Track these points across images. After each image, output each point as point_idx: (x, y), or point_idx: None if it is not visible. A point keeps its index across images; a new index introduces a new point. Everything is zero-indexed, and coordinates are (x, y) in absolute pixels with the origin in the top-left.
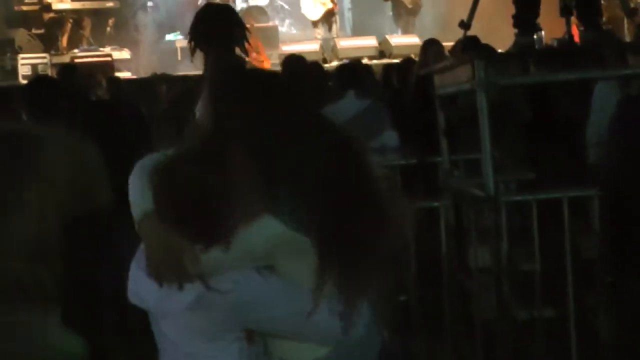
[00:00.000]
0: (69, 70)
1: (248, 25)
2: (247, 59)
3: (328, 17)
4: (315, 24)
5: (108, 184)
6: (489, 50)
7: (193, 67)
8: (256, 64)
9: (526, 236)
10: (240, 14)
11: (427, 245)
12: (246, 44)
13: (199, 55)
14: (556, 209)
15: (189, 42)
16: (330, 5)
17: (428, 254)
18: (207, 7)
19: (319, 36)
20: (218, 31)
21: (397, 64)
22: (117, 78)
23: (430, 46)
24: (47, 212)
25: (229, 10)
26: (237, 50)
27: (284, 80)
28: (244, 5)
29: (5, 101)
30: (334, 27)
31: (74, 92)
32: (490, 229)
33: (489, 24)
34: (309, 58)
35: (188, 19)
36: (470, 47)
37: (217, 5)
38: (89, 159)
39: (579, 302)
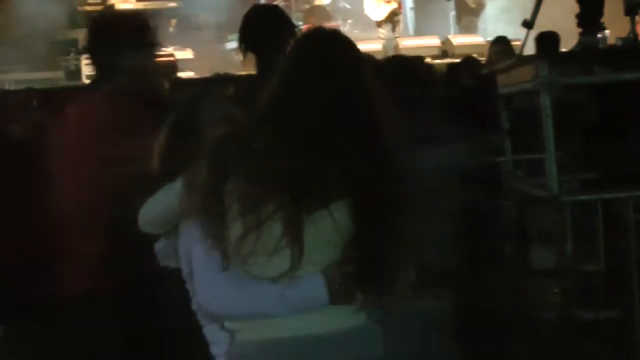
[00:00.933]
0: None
1: (309, 25)
2: None
3: (392, 17)
4: (379, 24)
5: None
6: (555, 48)
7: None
8: None
9: (589, 236)
10: (303, 15)
11: (490, 245)
12: None
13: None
14: (620, 209)
15: (240, 45)
16: (394, 5)
17: (491, 253)
18: (255, 9)
19: (382, 36)
20: (265, 33)
21: (460, 62)
22: (180, 79)
23: (496, 44)
24: None
25: (276, 12)
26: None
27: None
28: (306, 5)
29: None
30: (398, 27)
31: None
32: (554, 229)
33: (553, 24)
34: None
35: None
36: (542, 42)
37: (264, 6)
38: None
39: None
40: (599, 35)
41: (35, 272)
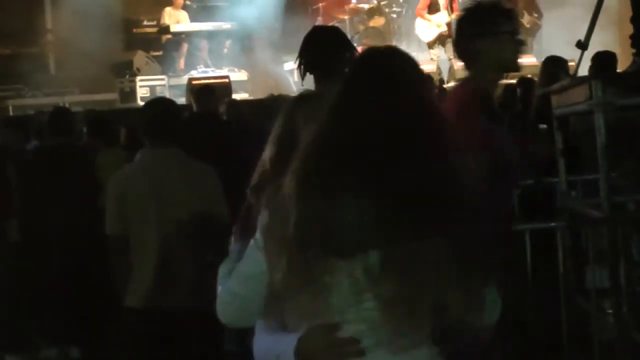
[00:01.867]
0: (206, 92)
1: (364, 47)
2: None
3: (442, 40)
4: (430, 45)
5: (224, 207)
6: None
7: (309, 87)
8: None
9: None
10: (358, 36)
11: (545, 266)
12: None
13: (310, 78)
14: None
15: (298, 66)
16: (444, 29)
17: (546, 275)
18: (315, 30)
19: (434, 57)
20: (326, 55)
21: (515, 84)
22: (235, 101)
23: (548, 64)
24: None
25: (337, 33)
26: None
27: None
28: (362, 27)
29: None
30: (449, 49)
31: (207, 113)
32: (608, 249)
33: (608, 45)
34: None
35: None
36: (598, 62)
37: (325, 28)
38: (208, 181)
39: None
40: None
41: None
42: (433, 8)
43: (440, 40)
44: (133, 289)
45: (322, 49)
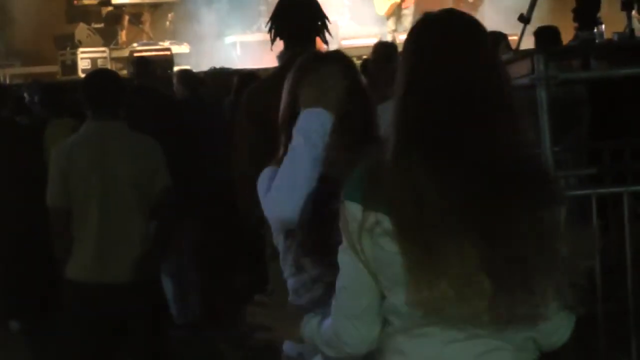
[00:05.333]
0: (143, 64)
1: None
2: None
3: (398, 12)
4: (387, 17)
5: (167, 178)
6: (554, 43)
7: (252, 62)
8: None
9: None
10: None
11: None
12: (327, 35)
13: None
14: (617, 204)
15: (269, 31)
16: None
17: None
18: None
19: (389, 30)
20: (300, 22)
21: None
22: (193, 73)
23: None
24: None
25: (312, 2)
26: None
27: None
28: None
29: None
30: (403, 23)
31: (145, 86)
32: None
33: (550, 18)
34: (368, 53)
35: (249, 14)
36: (542, 37)
37: None
38: (151, 154)
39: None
40: (595, 30)
41: None
42: None
43: (395, 11)
44: (74, 261)
45: (295, 15)
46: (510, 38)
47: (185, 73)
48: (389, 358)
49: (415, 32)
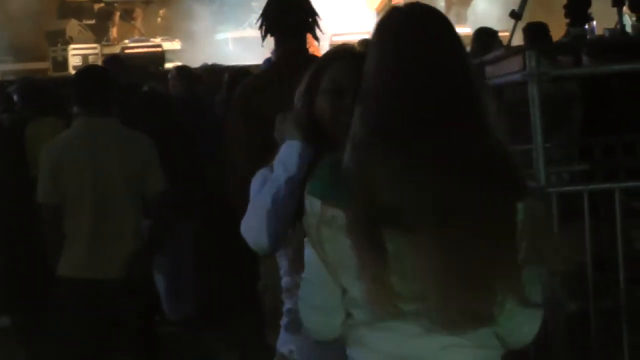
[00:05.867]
0: (115, 61)
1: None
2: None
3: (387, 7)
4: (378, 14)
5: (160, 175)
6: (544, 39)
7: (244, 59)
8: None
9: (578, 228)
10: None
11: None
12: (317, 31)
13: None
14: (609, 201)
15: (260, 27)
16: None
17: None
18: None
19: None
20: (291, 18)
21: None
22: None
23: (481, 36)
24: None
25: None
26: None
27: None
28: None
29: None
30: None
31: (123, 83)
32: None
33: (542, 15)
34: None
35: (240, 11)
36: (531, 33)
37: None
38: (144, 150)
39: (631, 295)
40: (586, 26)
41: None
42: None
43: (386, 5)
44: (66, 258)
45: (285, 11)
46: (501, 34)
47: (183, 69)
48: (352, 350)
49: (379, 27)
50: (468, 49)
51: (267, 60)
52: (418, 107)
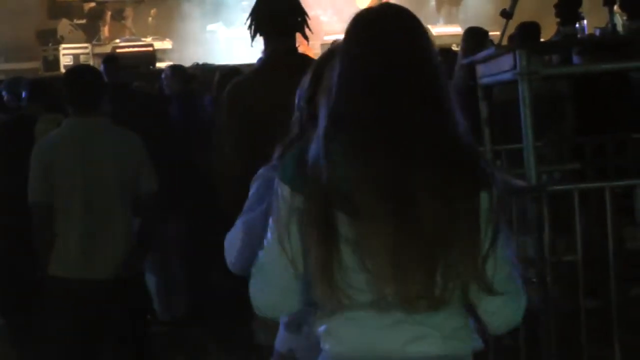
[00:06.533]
0: (111, 61)
1: None
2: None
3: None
4: None
5: (152, 174)
6: (534, 38)
7: (235, 57)
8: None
9: (570, 227)
10: None
11: None
12: (306, 30)
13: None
14: (600, 200)
15: (250, 27)
16: None
17: None
18: None
19: None
20: (280, 17)
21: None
22: (183, 68)
23: (472, 35)
24: None
25: None
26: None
27: None
28: None
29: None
30: None
31: (116, 83)
32: (533, 219)
33: (533, 14)
34: None
35: (231, 10)
36: (522, 33)
37: None
38: (135, 150)
39: (622, 294)
40: (577, 25)
41: None
42: None
43: (377, 3)
44: (56, 258)
45: (274, 11)
46: (492, 33)
47: (177, 68)
48: (324, 343)
49: (350, 26)
50: (458, 48)
51: (260, 60)
52: (385, 99)
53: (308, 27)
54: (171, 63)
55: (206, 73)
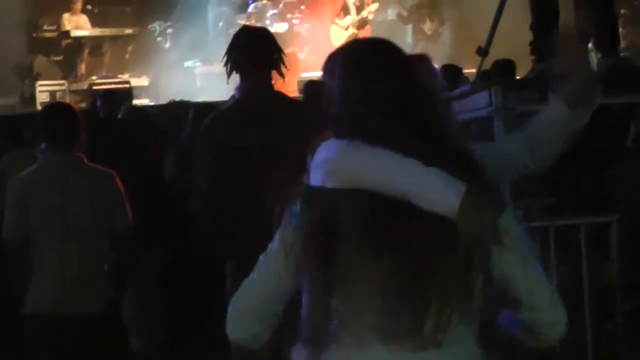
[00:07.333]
0: (109, 96)
1: None
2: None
3: None
4: None
5: (127, 211)
6: (510, 75)
7: (212, 94)
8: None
9: (545, 262)
10: None
11: None
12: (282, 67)
13: (234, 78)
14: (576, 235)
15: (226, 64)
16: (352, 31)
17: None
18: (246, 30)
19: None
20: (257, 54)
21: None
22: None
23: (447, 72)
24: None
25: (267, 33)
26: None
27: None
28: None
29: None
30: None
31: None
32: None
33: (508, 51)
34: None
35: (207, 46)
36: (497, 70)
37: (256, 28)
38: (110, 187)
39: (598, 329)
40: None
41: None
42: (345, 12)
43: None
44: (32, 294)
45: (250, 47)
46: (468, 70)
47: (108, 92)
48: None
49: (340, 55)
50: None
51: (232, 98)
52: (382, 123)
53: (284, 64)
54: (147, 100)
55: (180, 109)
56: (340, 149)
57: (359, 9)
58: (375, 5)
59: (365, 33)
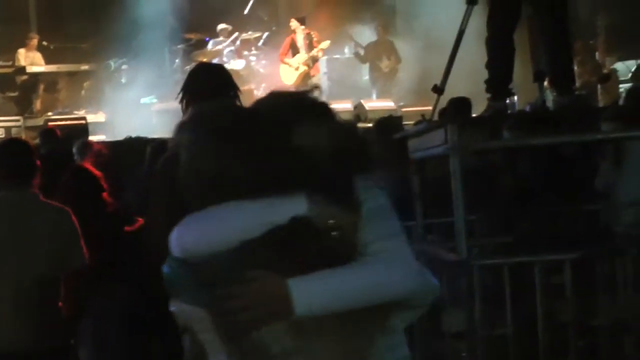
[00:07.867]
0: (49, 134)
1: None
2: None
3: (305, 82)
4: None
5: (82, 248)
6: (465, 113)
7: (169, 131)
8: None
9: (500, 300)
10: None
11: None
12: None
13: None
14: (532, 273)
15: (181, 100)
16: (304, 69)
17: None
18: (202, 66)
19: None
20: (213, 90)
21: (373, 126)
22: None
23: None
24: None
25: (223, 70)
26: None
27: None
28: None
29: None
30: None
31: (52, 155)
32: (463, 292)
33: (464, 89)
34: None
35: (164, 83)
36: (453, 108)
37: (212, 64)
38: (64, 224)
39: None
40: (507, 101)
41: None
42: (294, 51)
43: (304, 80)
44: None
45: (206, 82)
46: (424, 108)
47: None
48: None
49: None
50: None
51: None
52: None
53: (239, 99)
54: (104, 136)
55: (136, 145)
56: None
57: (309, 47)
58: (326, 43)
59: (316, 71)
